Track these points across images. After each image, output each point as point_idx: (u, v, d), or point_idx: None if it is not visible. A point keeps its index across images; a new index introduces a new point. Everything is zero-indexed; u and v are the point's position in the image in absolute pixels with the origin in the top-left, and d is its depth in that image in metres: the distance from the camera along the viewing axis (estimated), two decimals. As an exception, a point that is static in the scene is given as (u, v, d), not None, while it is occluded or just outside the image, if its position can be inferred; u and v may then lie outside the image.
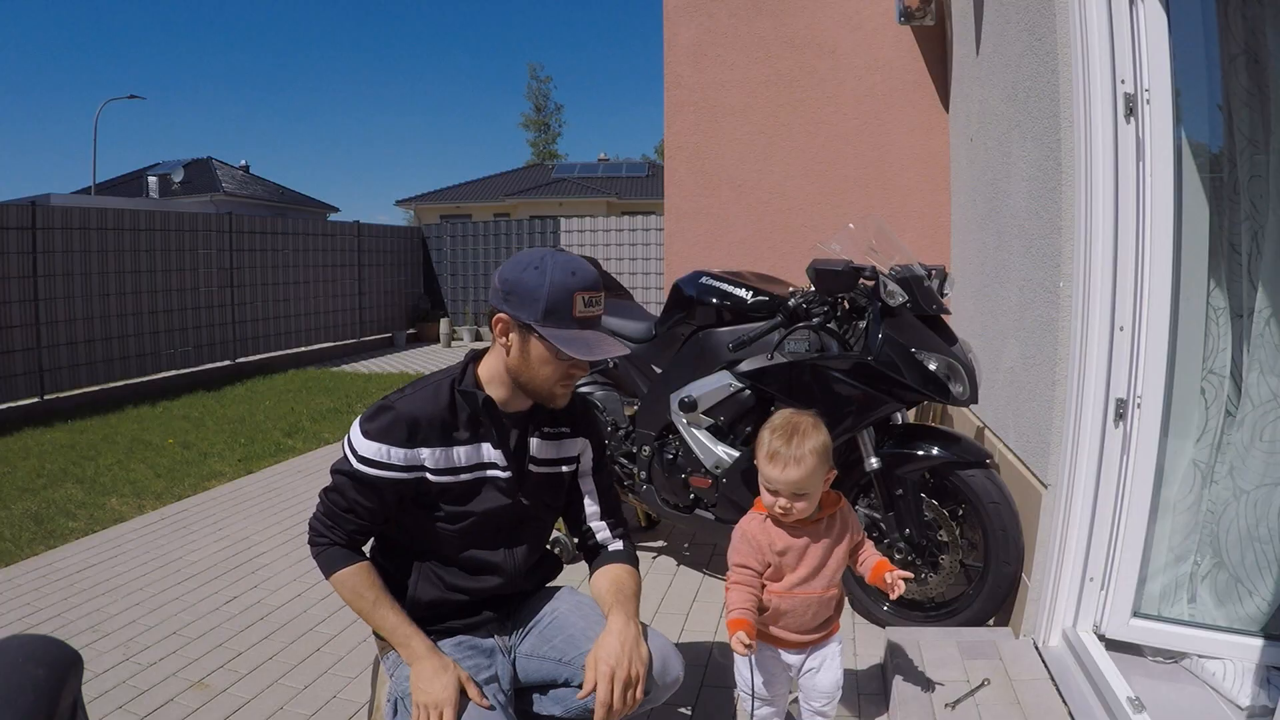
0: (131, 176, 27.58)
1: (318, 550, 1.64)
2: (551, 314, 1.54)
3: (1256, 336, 2.01)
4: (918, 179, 5.16)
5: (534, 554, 1.80)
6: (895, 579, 1.83)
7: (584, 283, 1.56)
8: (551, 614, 1.79)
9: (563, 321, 1.55)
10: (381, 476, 1.59)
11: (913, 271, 2.73)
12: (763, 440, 1.80)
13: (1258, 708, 1.87)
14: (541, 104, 43.06)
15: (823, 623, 1.89)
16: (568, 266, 1.57)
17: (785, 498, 1.76)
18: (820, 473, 1.77)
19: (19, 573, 3.45)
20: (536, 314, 1.55)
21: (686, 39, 5.50)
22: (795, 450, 1.73)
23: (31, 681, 0.81)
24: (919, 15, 4.81)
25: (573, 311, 1.55)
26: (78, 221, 7.50)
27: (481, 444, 1.67)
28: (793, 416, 1.81)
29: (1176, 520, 2.19)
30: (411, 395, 1.64)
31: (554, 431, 1.77)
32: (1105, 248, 2.13)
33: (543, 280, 1.55)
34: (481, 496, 1.67)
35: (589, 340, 1.55)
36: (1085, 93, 2.14)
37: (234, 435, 6.05)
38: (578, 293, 1.55)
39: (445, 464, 1.63)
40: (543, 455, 1.75)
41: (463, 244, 13.36)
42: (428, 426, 1.60)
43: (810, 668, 1.91)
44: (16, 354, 6.87)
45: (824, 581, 1.85)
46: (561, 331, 1.55)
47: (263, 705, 2.42)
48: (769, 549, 1.81)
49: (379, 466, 1.59)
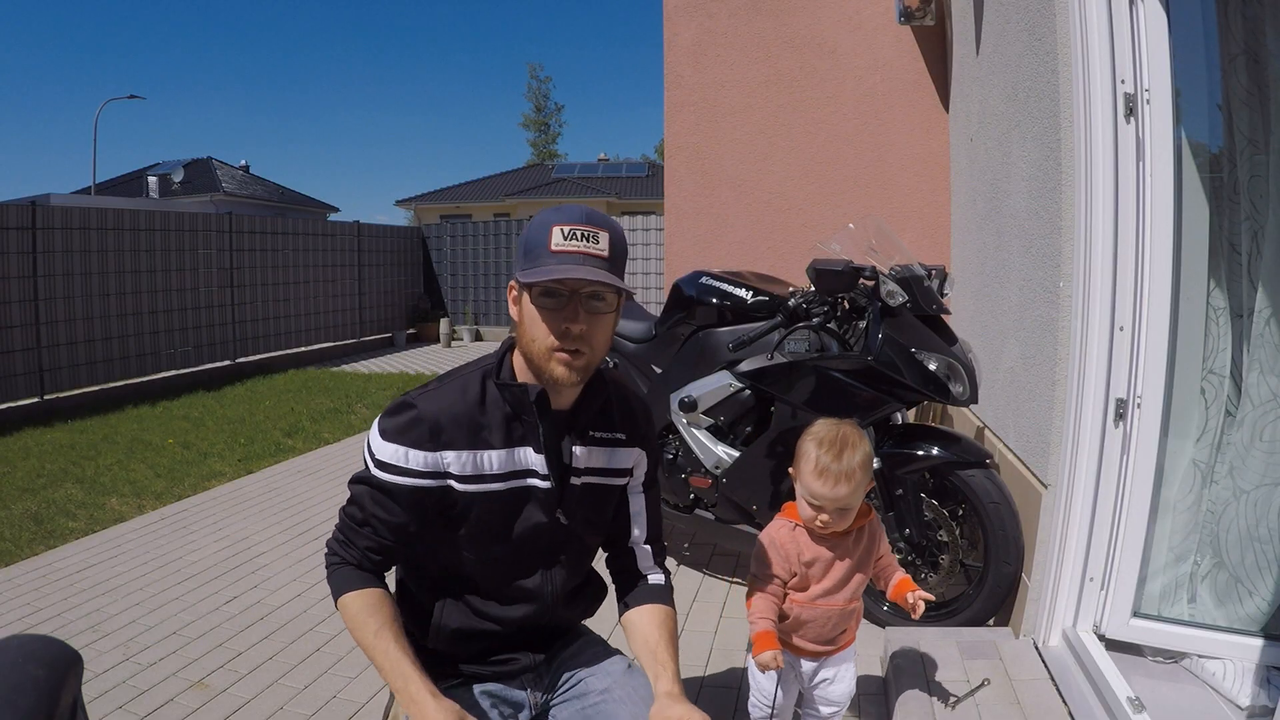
0: (131, 176, 27.57)
1: (330, 571, 1.43)
2: (529, 254, 1.33)
3: (1256, 336, 2.01)
4: (918, 179, 5.16)
5: (574, 579, 1.54)
6: (917, 600, 1.80)
7: (566, 217, 1.33)
8: (602, 694, 1.51)
9: (538, 260, 1.32)
10: (400, 484, 1.37)
11: (913, 271, 2.73)
12: (807, 453, 1.72)
13: (1258, 708, 1.87)
14: (541, 104, 43.09)
15: (839, 635, 1.86)
16: (556, 208, 1.38)
17: (829, 513, 1.71)
18: (865, 485, 1.73)
19: (19, 573, 3.45)
20: (520, 262, 1.36)
21: (686, 39, 5.50)
22: (845, 465, 1.68)
23: (31, 681, 0.81)
24: (919, 15, 4.81)
25: (548, 244, 1.31)
26: (78, 221, 7.50)
27: (518, 448, 1.41)
28: (837, 428, 1.75)
29: (1176, 520, 2.19)
30: (437, 390, 1.41)
31: (606, 437, 1.50)
32: (1105, 248, 2.13)
33: (529, 227, 1.37)
34: (516, 510, 1.43)
35: (556, 269, 1.30)
36: (1085, 93, 2.14)
37: (234, 435, 6.05)
38: (555, 225, 1.32)
39: (474, 470, 1.39)
40: (589, 463, 1.48)
41: (463, 244, 13.36)
42: (453, 426, 1.37)
43: (824, 678, 1.88)
44: (16, 354, 6.86)
45: (848, 594, 1.81)
46: (533, 269, 1.32)
47: (263, 705, 2.42)
48: (797, 559, 1.77)
49: (397, 472, 1.37)
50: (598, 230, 1.33)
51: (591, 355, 1.36)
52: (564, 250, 1.31)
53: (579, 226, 1.32)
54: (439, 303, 13.47)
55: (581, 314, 1.32)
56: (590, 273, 1.30)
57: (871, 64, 5.21)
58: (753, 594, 1.79)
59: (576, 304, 1.32)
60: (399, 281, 12.96)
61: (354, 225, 11.94)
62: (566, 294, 1.32)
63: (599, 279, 1.30)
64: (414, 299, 13.31)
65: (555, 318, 1.32)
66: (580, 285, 1.31)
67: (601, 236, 1.33)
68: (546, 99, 43.50)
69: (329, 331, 11.31)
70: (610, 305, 1.36)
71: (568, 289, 1.31)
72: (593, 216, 1.35)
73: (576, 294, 1.32)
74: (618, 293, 1.36)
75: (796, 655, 1.86)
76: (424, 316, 13.18)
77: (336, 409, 7.05)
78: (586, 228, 1.32)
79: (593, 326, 1.34)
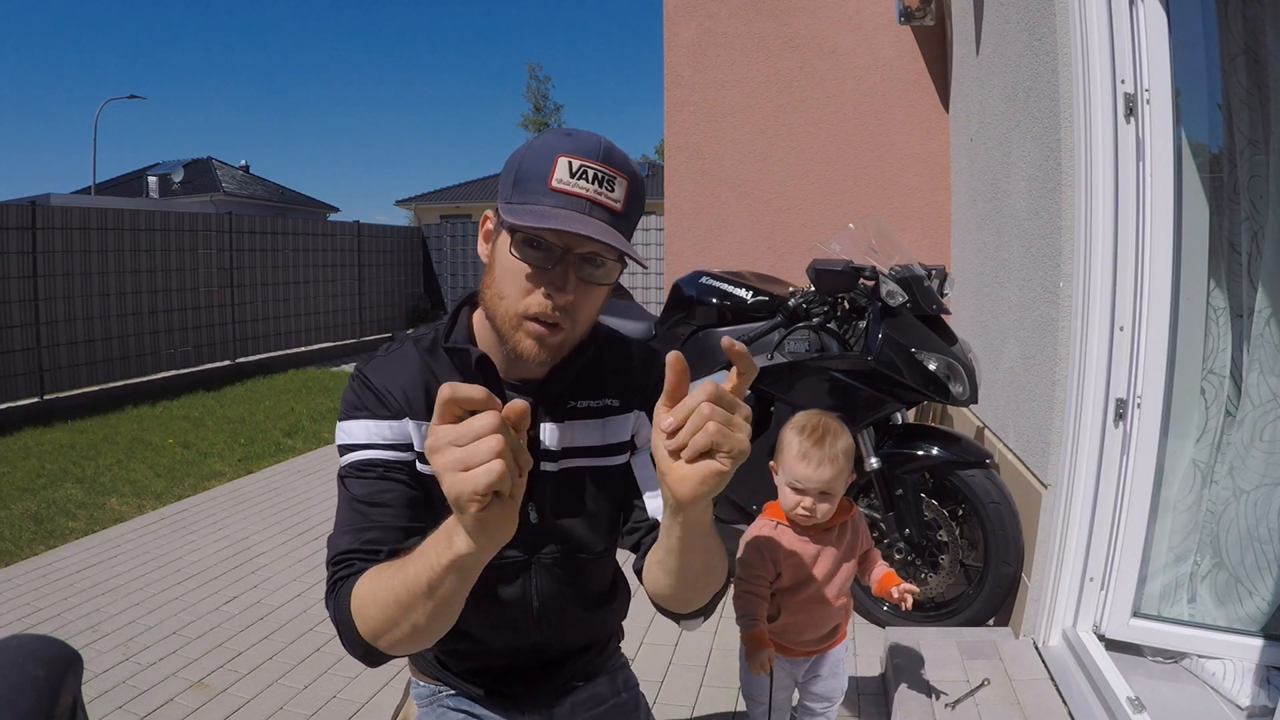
0: (131, 176, 27.58)
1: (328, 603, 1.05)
2: (521, 184, 1.02)
3: (1256, 336, 2.01)
4: (918, 179, 5.16)
5: (571, 587, 1.21)
6: (903, 592, 1.80)
7: (577, 146, 1.01)
8: None
9: (531, 194, 1.00)
10: (379, 458, 1.09)
11: (913, 271, 2.73)
12: (789, 441, 1.75)
13: (1258, 708, 1.87)
14: (541, 104, 43.05)
15: (830, 631, 1.86)
16: (565, 129, 1.06)
17: (812, 497, 1.73)
18: (847, 473, 1.76)
19: (19, 573, 3.45)
20: (507, 190, 1.04)
21: (686, 39, 5.50)
22: (828, 449, 1.71)
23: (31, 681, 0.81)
24: (919, 15, 4.81)
25: (549, 177, 1.00)
26: (78, 221, 7.50)
27: None
28: (818, 418, 1.78)
29: (1176, 520, 2.19)
30: (385, 357, 1.16)
31: (592, 406, 1.17)
32: (1105, 248, 2.13)
33: (527, 146, 1.06)
34: None
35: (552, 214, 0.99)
36: (1085, 93, 2.14)
37: (234, 435, 6.05)
38: (562, 155, 1.00)
39: None
40: (571, 442, 1.15)
41: (463, 244, 13.36)
42: (410, 392, 1.11)
43: (816, 674, 1.89)
44: (16, 354, 6.86)
45: (834, 590, 1.81)
46: (523, 205, 1.00)
47: (263, 705, 2.41)
48: (781, 556, 1.78)
49: (370, 448, 1.10)
50: (615, 174, 1.02)
51: (571, 332, 1.06)
52: (567, 190, 1.00)
53: (592, 164, 1.01)
54: (439, 303, 13.47)
55: (571, 279, 1.01)
56: (596, 228, 0.98)
57: (871, 64, 5.21)
58: (739, 595, 1.79)
59: (568, 266, 1.01)
60: (399, 281, 12.96)
61: (354, 225, 11.94)
62: (559, 250, 1.00)
63: (605, 239, 0.98)
64: (414, 299, 13.32)
65: (537, 277, 1.01)
66: (579, 243, 1.00)
67: (618, 183, 1.02)
68: (545, 99, 43.47)
69: (329, 331, 11.31)
70: (609, 275, 1.05)
71: (562, 244, 1.00)
72: (611, 154, 1.03)
73: (570, 253, 1.00)
74: (621, 260, 1.04)
75: (789, 656, 1.86)
76: (424, 316, 13.18)
77: (336, 409, 7.01)
78: (602, 167, 1.01)
79: (581, 298, 1.03)
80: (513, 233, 1.01)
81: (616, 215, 1.02)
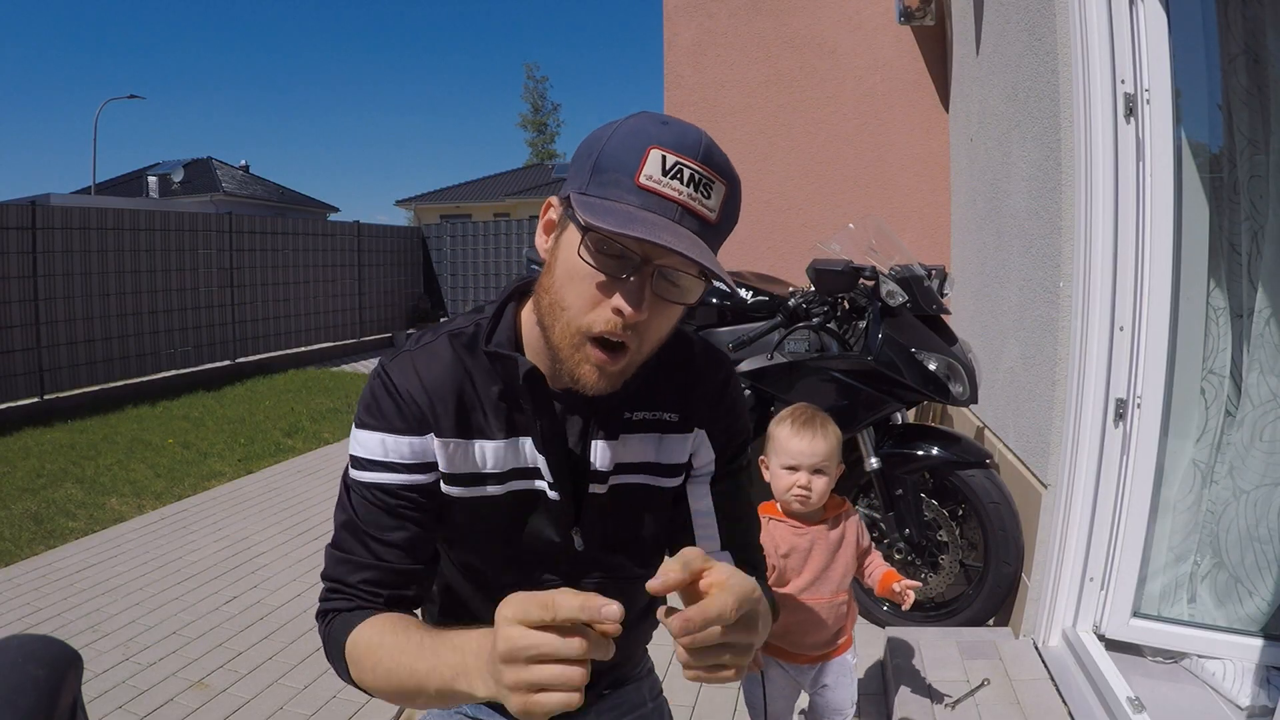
0: (131, 176, 27.58)
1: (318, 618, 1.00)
2: (601, 171, 0.86)
3: (1256, 336, 2.01)
4: (918, 179, 5.16)
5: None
6: (905, 589, 1.81)
7: (674, 138, 0.85)
8: None
9: (614, 187, 0.85)
10: (393, 483, 0.96)
11: (913, 271, 2.73)
12: (778, 428, 1.81)
13: (1258, 708, 1.87)
14: (539, 104, 43.04)
15: (834, 635, 1.85)
16: (661, 116, 0.88)
17: (807, 472, 1.76)
18: (838, 455, 1.81)
19: (19, 573, 3.45)
20: (585, 179, 0.87)
21: (686, 39, 5.50)
22: (820, 428, 1.78)
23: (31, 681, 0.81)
24: (919, 15, 4.81)
25: (636, 171, 0.84)
26: (78, 221, 7.50)
27: (521, 438, 0.99)
28: (803, 407, 1.84)
29: (1176, 520, 2.19)
30: (415, 351, 0.99)
31: (648, 419, 1.03)
32: (1105, 248, 2.13)
33: (613, 128, 0.88)
34: (518, 521, 1.02)
35: (638, 218, 0.83)
36: (1085, 93, 2.14)
37: (234, 435, 6.05)
38: (655, 147, 0.84)
39: (464, 467, 0.98)
40: (624, 458, 1.02)
41: (463, 244, 13.36)
42: (437, 402, 0.96)
43: (824, 683, 1.87)
44: (16, 354, 6.86)
45: (831, 587, 1.81)
46: (602, 201, 0.84)
47: (263, 705, 2.41)
48: (773, 551, 1.79)
49: (385, 468, 0.97)
50: (714, 177, 0.87)
51: (636, 355, 0.91)
52: (656, 189, 0.84)
53: (689, 163, 0.85)
54: (439, 303, 13.47)
55: (647, 294, 0.86)
56: (687, 241, 0.83)
57: (871, 64, 5.21)
58: None
59: (645, 279, 0.86)
60: (399, 281, 12.96)
61: (354, 225, 11.94)
62: (637, 259, 0.85)
63: (694, 255, 0.81)
64: (414, 299, 13.32)
65: (608, 288, 0.86)
66: (662, 255, 0.84)
67: (716, 189, 0.87)
68: (544, 99, 43.47)
69: (329, 331, 11.31)
70: (689, 294, 0.90)
71: (641, 253, 0.84)
72: (712, 154, 0.87)
73: (649, 263, 0.85)
74: (706, 279, 0.89)
75: (793, 662, 1.85)
76: (424, 316, 13.18)
77: (336, 409, 7.04)
78: (700, 168, 0.85)
79: (655, 317, 0.89)
80: (584, 230, 0.84)
81: (708, 226, 0.87)
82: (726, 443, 1.08)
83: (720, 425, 1.07)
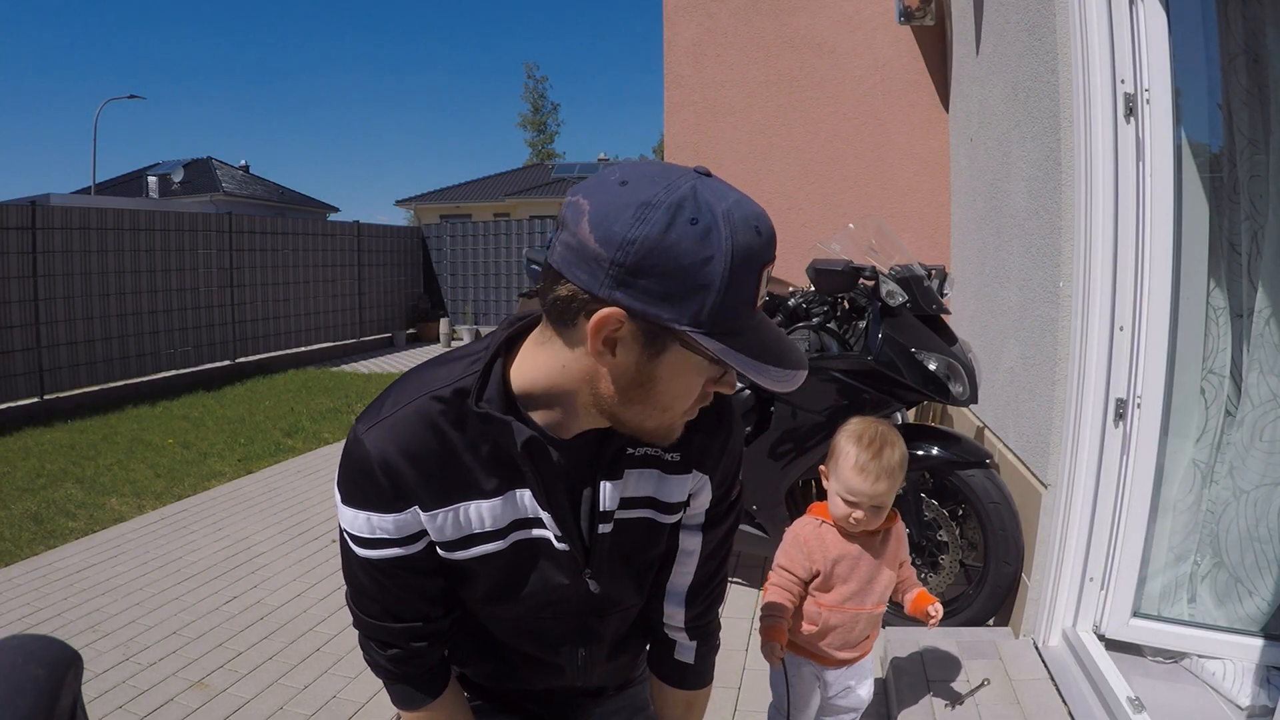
0: (131, 176, 27.57)
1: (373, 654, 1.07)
2: (725, 313, 0.80)
3: (1256, 336, 2.01)
4: (918, 179, 5.16)
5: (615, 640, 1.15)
6: (936, 611, 1.80)
7: (769, 246, 0.83)
8: None
9: (738, 318, 0.82)
10: (388, 558, 0.97)
11: (913, 271, 2.73)
12: (845, 451, 1.72)
13: (1258, 708, 1.87)
14: (539, 104, 43.03)
15: (864, 640, 1.84)
16: (749, 219, 0.81)
17: (865, 511, 1.70)
18: (900, 480, 1.74)
19: (19, 573, 3.45)
20: (698, 312, 0.80)
21: (686, 39, 5.50)
22: (885, 463, 1.68)
23: (31, 681, 0.81)
24: (919, 15, 4.81)
25: (755, 300, 0.83)
26: (78, 221, 7.50)
27: (516, 491, 0.97)
28: (874, 426, 1.75)
29: (1176, 520, 2.19)
30: (391, 418, 0.94)
31: (650, 455, 1.03)
32: (1105, 248, 2.13)
33: (713, 251, 0.78)
34: (523, 570, 1.01)
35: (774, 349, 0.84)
36: (1085, 93, 2.14)
37: (234, 435, 6.05)
38: (766, 267, 0.83)
39: (457, 533, 0.97)
40: (629, 492, 1.02)
41: (463, 244, 13.36)
42: (419, 474, 0.93)
43: (847, 685, 1.86)
44: (16, 354, 6.86)
45: (874, 597, 1.79)
46: (732, 334, 0.82)
47: (263, 705, 2.41)
48: (822, 556, 1.76)
49: (371, 545, 0.97)
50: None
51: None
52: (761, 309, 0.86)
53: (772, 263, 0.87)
54: (439, 303, 13.47)
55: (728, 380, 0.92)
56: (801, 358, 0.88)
57: (871, 64, 5.21)
58: (770, 593, 1.76)
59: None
60: (399, 281, 12.96)
61: (354, 225, 11.94)
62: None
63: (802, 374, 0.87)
64: (414, 299, 13.31)
65: (709, 387, 0.91)
66: None
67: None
68: (543, 99, 43.47)
69: (329, 331, 11.31)
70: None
71: None
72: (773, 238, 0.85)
73: None
74: None
75: (823, 665, 1.83)
76: (424, 316, 13.18)
77: (336, 409, 7.04)
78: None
79: None
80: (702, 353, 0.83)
81: None
82: (725, 493, 1.11)
83: (721, 474, 1.09)
